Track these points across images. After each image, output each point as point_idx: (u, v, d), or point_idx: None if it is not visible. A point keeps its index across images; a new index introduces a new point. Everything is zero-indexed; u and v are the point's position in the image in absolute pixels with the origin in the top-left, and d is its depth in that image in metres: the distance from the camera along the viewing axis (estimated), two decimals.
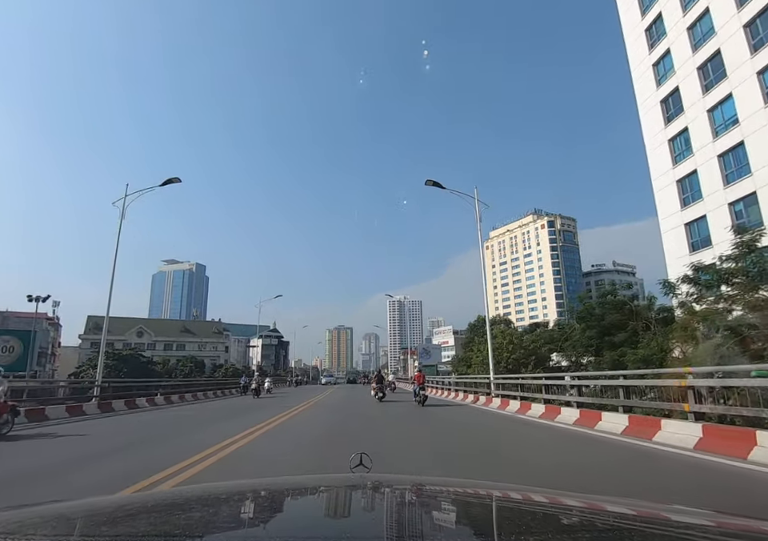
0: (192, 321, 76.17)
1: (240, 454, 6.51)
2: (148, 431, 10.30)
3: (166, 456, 6.30)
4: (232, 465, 5.81)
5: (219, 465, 5.66)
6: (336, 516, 1.14)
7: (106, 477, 5.22)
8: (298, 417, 13.03)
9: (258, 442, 7.71)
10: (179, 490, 2.39)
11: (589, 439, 7.92)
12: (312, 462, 5.98)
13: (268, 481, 2.00)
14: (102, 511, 1.15)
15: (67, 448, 7.68)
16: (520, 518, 1.11)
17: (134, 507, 1.20)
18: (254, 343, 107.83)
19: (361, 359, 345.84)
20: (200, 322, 77.19)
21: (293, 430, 10.17)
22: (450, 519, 1.10)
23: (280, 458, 6.36)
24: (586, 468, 5.64)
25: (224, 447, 6.88)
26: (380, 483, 1.33)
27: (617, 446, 7.02)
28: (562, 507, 1.22)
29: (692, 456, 5.92)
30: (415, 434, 9.31)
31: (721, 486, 4.63)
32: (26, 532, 0.91)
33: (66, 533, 0.95)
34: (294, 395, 27.28)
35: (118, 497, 1.85)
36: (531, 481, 4.72)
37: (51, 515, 1.09)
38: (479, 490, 1.46)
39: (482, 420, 12.26)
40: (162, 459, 5.96)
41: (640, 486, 4.61)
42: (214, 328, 75.64)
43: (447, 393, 23.66)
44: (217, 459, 5.97)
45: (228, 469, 5.58)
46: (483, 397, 17.55)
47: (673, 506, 1.21)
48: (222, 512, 1.16)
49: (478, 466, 5.87)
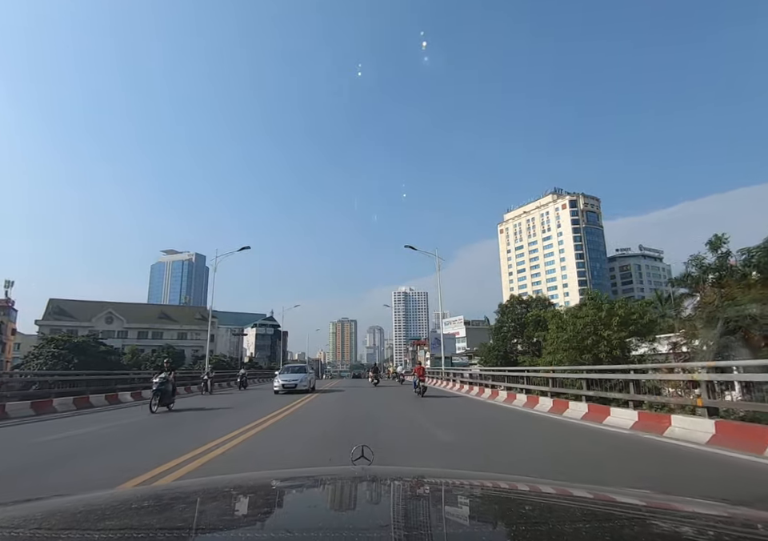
0: (172, 306, 66.37)
1: None
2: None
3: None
4: None
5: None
6: (337, 508, 1.14)
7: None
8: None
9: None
10: (180, 483, 2.50)
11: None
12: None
13: (269, 474, 2.13)
14: (100, 506, 1.14)
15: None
16: (523, 509, 1.12)
17: (133, 502, 1.19)
18: (247, 333, 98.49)
19: (365, 352, 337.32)
20: (182, 307, 67.68)
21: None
22: (452, 511, 1.10)
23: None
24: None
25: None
26: (381, 475, 1.39)
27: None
28: (566, 498, 1.22)
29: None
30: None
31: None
32: (29, 526, 0.91)
33: (66, 527, 0.93)
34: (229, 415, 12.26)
35: (118, 492, 1.68)
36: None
37: (50, 510, 1.09)
38: (482, 482, 1.46)
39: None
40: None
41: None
42: (198, 314, 66.03)
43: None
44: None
45: None
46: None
47: (683, 498, 1.20)
48: (223, 505, 1.16)
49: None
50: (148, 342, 60.66)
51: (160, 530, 0.87)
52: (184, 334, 64.32)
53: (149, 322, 62.27)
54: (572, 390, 11.15)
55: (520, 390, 13.78)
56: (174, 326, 63.74)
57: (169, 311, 64.75)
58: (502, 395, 14.34)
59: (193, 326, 64.83)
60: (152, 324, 62.36)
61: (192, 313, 66.23)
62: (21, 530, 0.83)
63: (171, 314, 64.79)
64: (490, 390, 16.17)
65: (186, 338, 64.20)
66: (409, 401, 14.85)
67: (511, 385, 14.65)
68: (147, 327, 62.11)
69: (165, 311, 64.27)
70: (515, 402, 13.04)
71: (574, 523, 0.95)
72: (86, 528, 0.90)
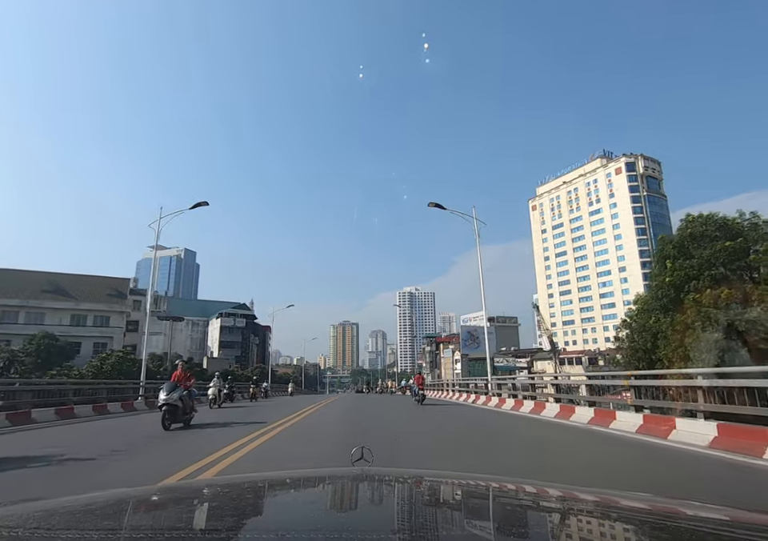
0: (70, 275, 42.85)
1: None
2: None
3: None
4: None
5: None
6: (337, 509, 1.13)
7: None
8: None
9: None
10: (177, 485, 2.34)
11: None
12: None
13: (268, 475, 2.05)
14: (99, 506, 1.13)
15: None
16: (524, 511, 1.10)
17: (130, 502, 1.18)
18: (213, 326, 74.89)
19: (367, 357, 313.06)
20: (85, 277, 43.97)
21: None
22: (451, 512, 1.10)
23: None
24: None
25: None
26: (381, 477, 1.36)
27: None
28: (570, 501, 1.19)
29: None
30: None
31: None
32: (27, 526, 0.90)
33: (65, 527, 0.92)
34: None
35: (117, 491, 1.53)
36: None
37: (49, 510, 1.07)
38: (481, 484, 1.45)
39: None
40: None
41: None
42: (111, 289, 42.68)
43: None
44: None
45: None
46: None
47: (687, 501, 1.18)
48: (218, 506, 1.15)
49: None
50: (19, 328, 37.40)
51: (157, 531, 0.89)
52: (82, 318, 40.79)
53: (25, 297, 38.93)
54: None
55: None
56: (67, 305, 40.30)
57: (63, 282, 41.44)
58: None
59: (100, 307, 41.36)
60: (31, 299, 38.97)
61: (101, 286, 42.77)
62: (19, 530, 0.82)
63: (67, 286, 41.38)
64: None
65: (84, 323, 40.69)
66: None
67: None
68: (19, 306, 38.69)
69: (56, 281, 41.00)
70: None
71: (577, 526, 0.94)
72: (85, 528, 0.90)
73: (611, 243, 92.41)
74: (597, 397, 10.35)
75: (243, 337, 71.23)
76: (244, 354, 70.54)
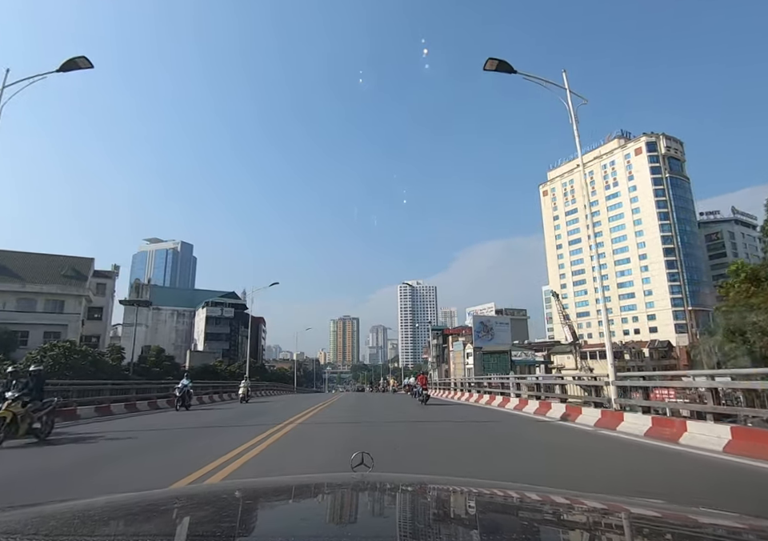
0: (18, 253, 36.44)
1: None
2: None
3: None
4: None
5: None
6: (336, 516, 1.11)
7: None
8: None
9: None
10: (176, 491, 2.31)
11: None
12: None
13: (268, 481, 2.07)
14: (96, 511, 1.12)
15: None
16: (528, 517, 1.09)
17: (128, 507, 1.16)
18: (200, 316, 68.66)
19: (368, 352, 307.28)
20: (36, 256, 37.64)
21: None
22: (452, 519, 1.08)
23: None
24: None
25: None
26: (381, 483, 1.34)
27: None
28: (575, 507, 1.18)
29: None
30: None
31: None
32: (26, 532, 0.90)
33: (62, 533, 0.92)
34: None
35: (115, 497, 1.47)
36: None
37: (47, 516, 1.05)
38: (485, 490, 1.41)
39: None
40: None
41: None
42: (68, 268, 36.46)
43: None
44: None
45: None
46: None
47: (697, 509, 1.17)
48: (217, 513, 1.13)
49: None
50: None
51: (156, 537, 0.88)
52: (30, 303, 34.55)
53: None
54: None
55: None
56: (10, 287, 34.05)
57: (8, 260, 35.24)
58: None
59: (52, 289, 35.12)
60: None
61: (55, 265, 36.47)
62: (18, 536, 0.82)
63: (12, 264, 35.14)
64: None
65: (33, 308, 34.45)
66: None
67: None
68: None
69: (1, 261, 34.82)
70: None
71: (588, 535, 0.93)
72: (83, 534, 0.89)
73: (630, 229, 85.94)
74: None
75: (232, 328, 64.92)
76: (233, 348, 64.31)
